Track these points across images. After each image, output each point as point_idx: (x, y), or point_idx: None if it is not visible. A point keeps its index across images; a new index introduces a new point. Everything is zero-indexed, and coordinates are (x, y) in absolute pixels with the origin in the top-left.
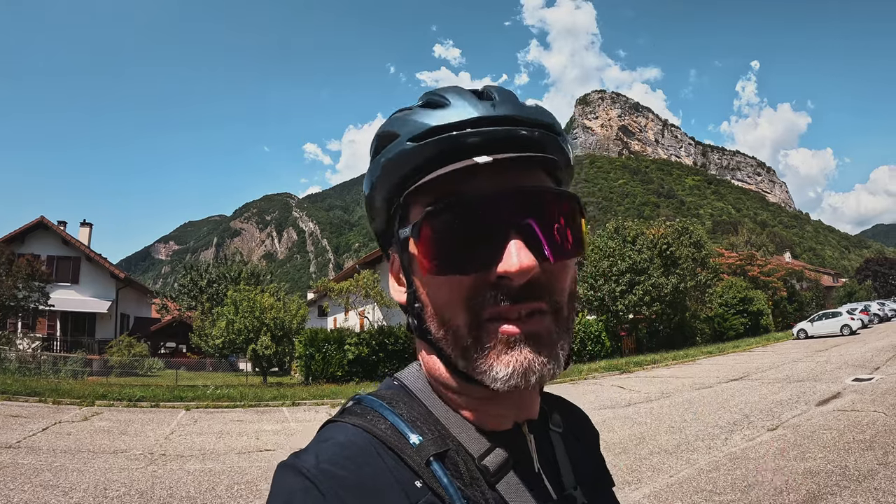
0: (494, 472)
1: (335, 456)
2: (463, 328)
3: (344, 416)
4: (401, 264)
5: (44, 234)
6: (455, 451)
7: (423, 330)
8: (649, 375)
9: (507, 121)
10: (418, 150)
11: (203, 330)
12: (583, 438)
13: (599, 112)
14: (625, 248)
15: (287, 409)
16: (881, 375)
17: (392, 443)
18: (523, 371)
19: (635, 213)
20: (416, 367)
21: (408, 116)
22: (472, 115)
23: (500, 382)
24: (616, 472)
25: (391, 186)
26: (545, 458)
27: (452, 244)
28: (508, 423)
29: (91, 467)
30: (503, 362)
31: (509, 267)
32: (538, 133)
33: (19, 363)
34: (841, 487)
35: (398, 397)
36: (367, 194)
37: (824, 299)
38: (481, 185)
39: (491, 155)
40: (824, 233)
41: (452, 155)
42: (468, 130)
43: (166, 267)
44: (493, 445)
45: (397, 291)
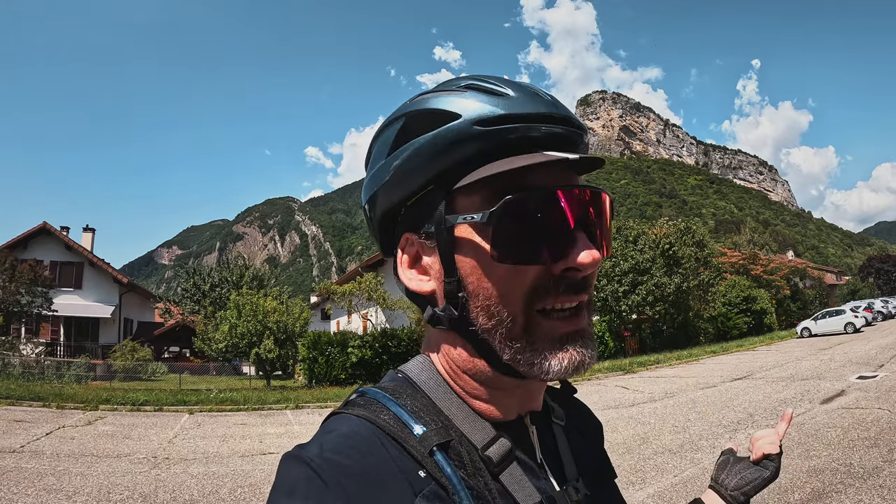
0: (497, 463)
1: (339, 446)
2: (519, 318)
3: (348, 408)
4: (440, 251)
5: (47, 240)
6: (458, 441)
7: (464, 320)
8: (653, 375)
9: (567, 121)
10: (487, 136)
11: (206, 334)
12: (585, 431)
13: (601, 113)
14: (627, 249)
15: (290, 413)
16: (885, 373)
17: (395, 433)
18: (575, 366)
19: (637, 213)
20: (422, 360)
21: (461, 99)
22: (539, 110)
23: (553, 374)
24: (620, 472)
25: (440, 168)
26: (547, 450)
27: (526, 234)
28: (513, 415)
29: (94, 471)
30: (557, 358)
31: (584, 259)
32: (581, 136)
33: (23, 368)
34: (846, 485)
35: (402, 389)
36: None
37: (828, 297)
38: (539, 180)
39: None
40: (827, 231)
41: (518, 146)
42: (537, 125)
43: (169, 272)
44: (497, 436)
45: (416, 280)
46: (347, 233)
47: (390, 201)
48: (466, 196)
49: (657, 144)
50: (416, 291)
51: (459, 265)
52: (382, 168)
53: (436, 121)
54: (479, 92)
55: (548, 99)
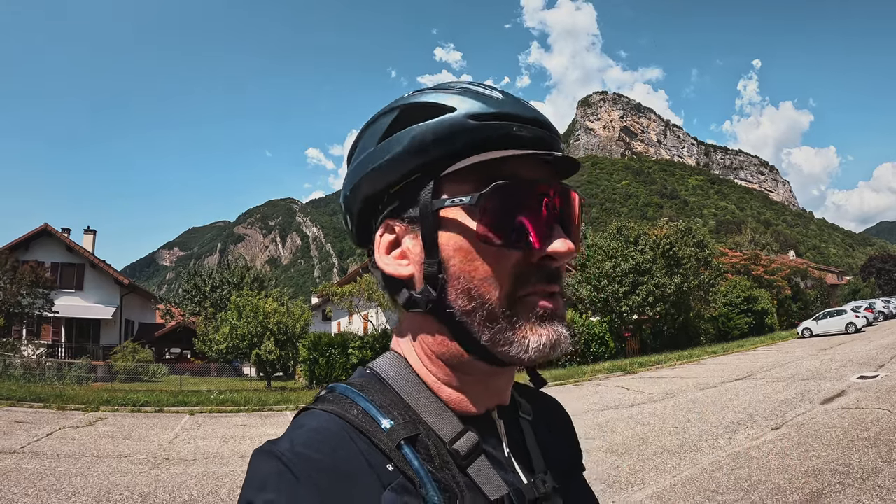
0: (465, 456)
1: (309, 440)
2: (501, 300)
3: (318, 404)
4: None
5: (48, 241)
6: (426, 435)
7: (442, 303)
8: (653, 376)
9: (547, 126)
10: (480, 129)
11: (207, 335)
12: (553, 425)
13: (601, 113)
14: (628, 249)
15: (291, 414)
16: (886, 373)
17: (364, 427)
18: (553, 343)
19: (638, 213)
20: (390, 357)
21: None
22: (527, 114)
23: (532, 352)
24: (619, 472)
25: (433, 156)
26: (515, 444)
27: (512, 220)
28: (481, 407)
29: (95, 472)
30: (537, 334)
31: (560, 247)
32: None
33: (24, 370)
34: (845, 486)
35: (370, 384)
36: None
37: (829, 297)
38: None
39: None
40: (828, 231)
41: (507, 141)
42: (525, 125)
43: (170, 273)
44: (464, 430)
45: (394, 265)
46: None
47: (375, 188)
48: (453, 183)
49: (658, 145)
50: (394, 275)
51: (442, 248)
52: (371, 155)
53: (432, 112)
54: (471, 93)
55: (532, 107)
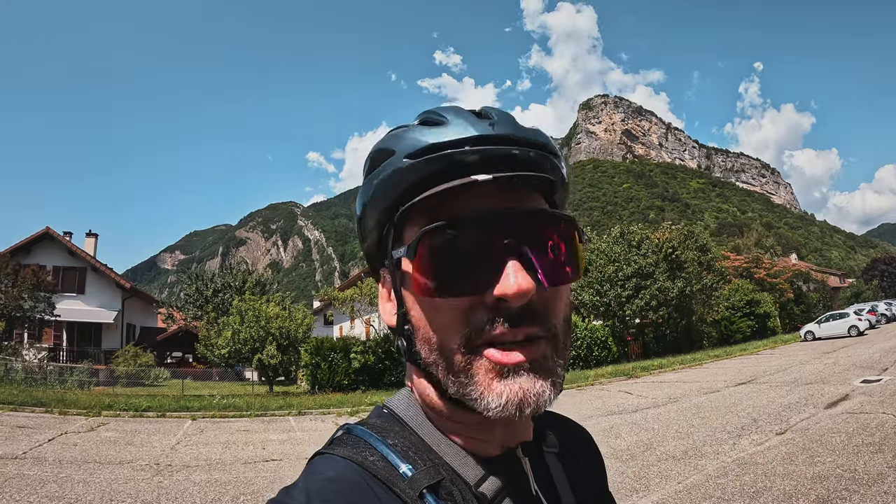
0: (491, 499)
1: (326, 491)
2: (455, 352)
3: (333, 448)
4: (392, 285)
5: (49, 245)
6: (450, 480)
7: (412, 353)
8: (656, 380)
9: (505, 140)
10: (415, 167)
11: (209, 339)
12: (581, 456)
13: (603, 116)
14: (630, 253)
15: (293, 419)
16: (890, 377)
17: (383, 476)
18: (518, 402)
19: (640, 217)
20: (406, 394)
21: (404, 133)
22: (470, 133)
23: (493, 412)
24: (624, 478)
25: (386, 204)
26: (542, 481)
27: (449, 265)
28: (496, 449)
29: (97, 478)
30: (495, 392)
31: (507, 289)
32: (534, 153)
33: (25, 374)
34: (850, 492)
35: (388, 426)
36: (360, 213)
37: (831, 300)
38: (479, 205)
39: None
40: (830, 233)
41: (450, 173)
42: (466, 148)
43: (172, 277)
44: (489, 472)
45: (388, 314)
46: (350, 237)
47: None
48: (409, 228)
49: (659, 148)
50: (388, 325)
51: (405, 298)
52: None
53: (384, 158)
54: (422, 125)
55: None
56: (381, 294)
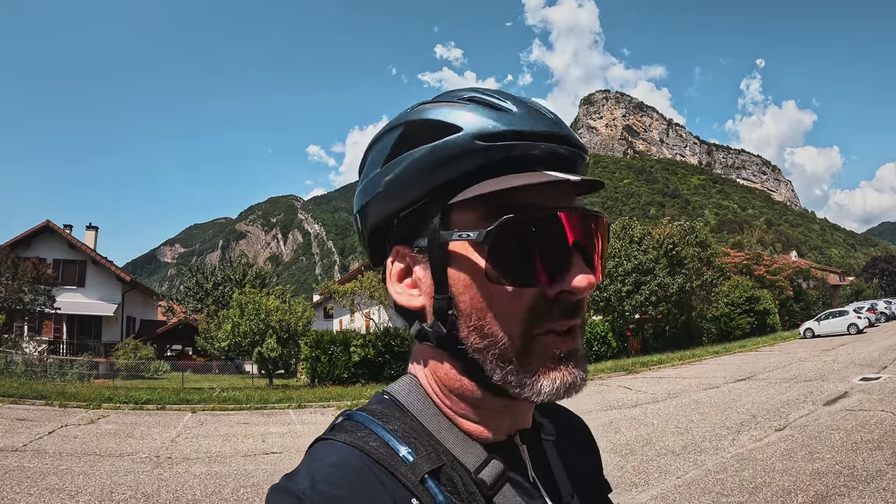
0: (491, 485)
1: (329, 476)
2: (515, 340)
3: (334, 433)
4: (431, 267)
5: (50, 238)
6: (450, 465)
7: (452, 339)
8: (656, 376)
9: (568, 141)
10: (486, 152)
11: (209, 332)
12: (577, 444)
13: (604, 112)
14: (630, 249)
15: (293, 412)
16: (889, 375)
17: (385, 461)
18: (567, 387)
19: (640, 212)
20: (409, 381)
21: (462, 112)
22: (541, 128)
23: (544, 395)
24: (623, 473)
25: (437, 182)
26: (539, 468)
27: (523, 255)
28: (503, 434)
29: (97, 470)
30: (550, 378)
31: (580, 283)
32: (581, 156)
33: (25, 366)
34: (849, 488)
35: (389, 412)
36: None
37: (831, 298)
38: (537, 199)
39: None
40: (830, 231)
41: (517, 163)
42: (538, 143)
43: (172, 270)
44: (489, 457)
45: (406, 295)
46: (350, 231)
47: (383, 212)
48: (462, 212)
49: (660, 144)
50: (405, 306)
51: (451, 282)
52: (377, 177)
53: (435, 132)
54: (480, 105)
55: (550, 117)
56: (391, 272)
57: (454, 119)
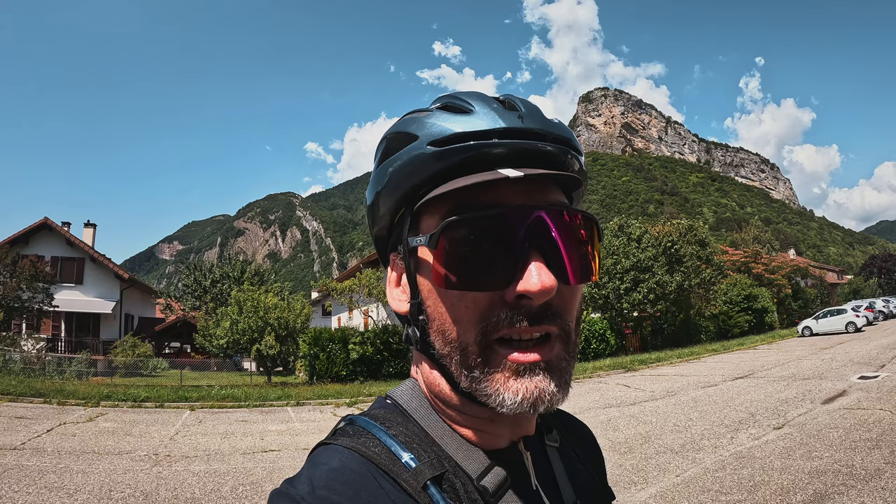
0: (493, 493)
1: (331, 481)
2: (472, 347)
3: (336, 438)
4: (406, 273)
5: (48, 235)
6: (452, 472)
7: (426, 343)
8: (654, 373)
9: (533, 135)
10: (440, 156)
11: (207, 330)
12: (581, 452)
13: (602, 109)
14: (629, 246)
15: (292, 409)
16: (887, 373)
17: (387, 466)
18: (533, 400)
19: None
20: (411, 385)
21: (426, 119)
22: (498, 125)
23: (507, 408)
24: (622, 471)
25: (404, 190)
26: (543, 475)
27: (471, 258)
28: (505, 441)
29: (96, 469)
30: (512, 389)
31: (531, 286)
32: (561, 150)
33: (24, 364)
34: (848, 487)
35: (392, 417)
36: (373, 197)
37: (829, 296)
38: (502, 198)
39: (517, 168)
40: (828, 229)
41: (475, 164)
42: (494, 141)
43: (170, 267)
44: (491, 465)
45: (397, 300)
46: (348, 228)
47: (378, 221)
48: (429, 217)
49: (659, 142)
50: (397, 311)
51: (420, 287)
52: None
53: (402, 141)
54: (445, 111)
55: (517, 112)
56: (389, 279)
57: (414, 128)
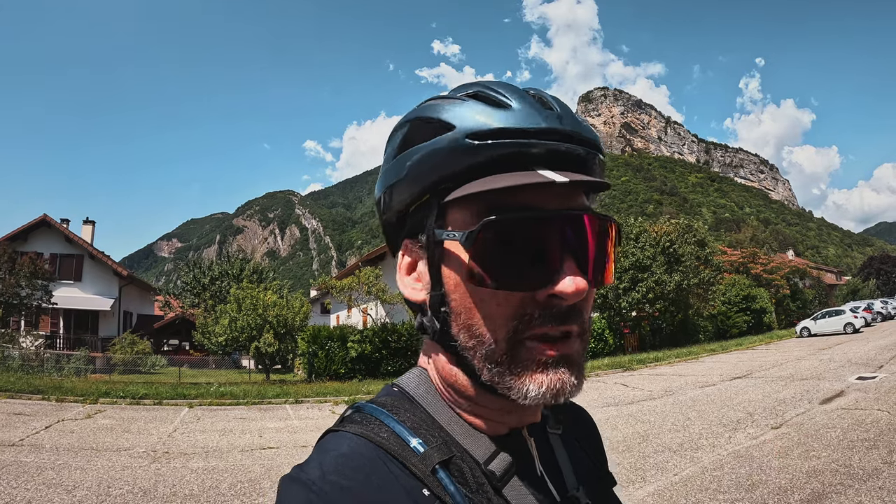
0: (500, 477)
1: (340, 466)
2: (501, 343)
3: (344, 425)
4: (428, 263)
5: (47, 232)
6: (460, 457)
7: (446, 334)
8: (652, 373)
9: (570, 137)
10: (480, 150)
11: (206, 327)
12: (583, 438)
13: (602, 109)
14: (627, 246)
15: (290, 407)
16: (885, 374)
17: (396, 451)
18: (555, 391)
19: (638, 210)
20: (418, 373)
21: (460, 109)
22: (539, 124)
23: (530, 399)
24: (620, 470)
25: (433, 179)
26: (546, 461)
27: (508, 258)
28: (507, 428)
29: (94, 465)
30: (537, 382)
31: (566, 288)
32: (590, 153)
33: (22, 361)
34: (845, 486)
35: (399, 404)
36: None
37: (827, 297)
38: (538, 201)
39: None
40: (827, 230)
41: (511, 162)
42: (533, 141)
43: (169, 264)
44: (497, 450)
45: (410, 288)
46: (347, 227)
47: (393, 206)
48: (457, 211)
49: (658, 142)
50: (409, 299)
51: (445, 280)
52: (389, 170)
53: (434, 130)
54: (480, 102)
55: (555, 112)
56: (400, 265)
57: (449, 116)
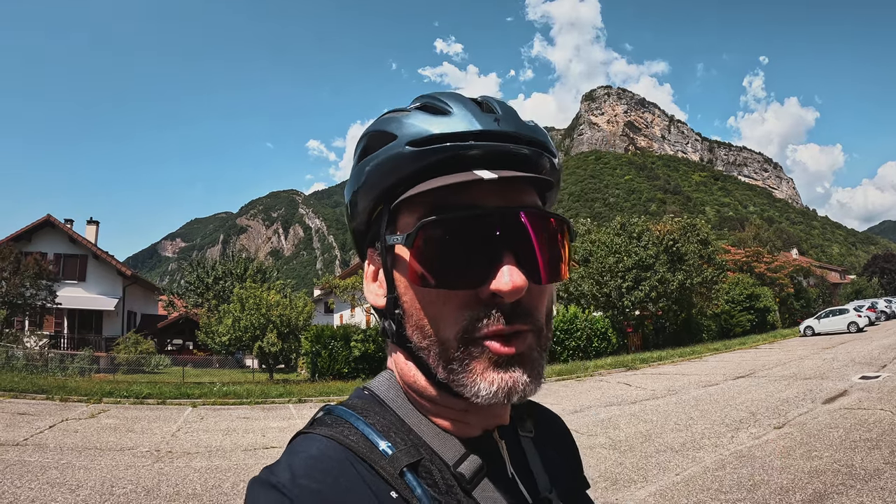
0: (469, 479)
1: (310, 469)
2: (449, 341)
3: (314, 427)
4: (383, 268)
5: (51, 233)
6: (429, 459)
7: (402, 337)
8: (655, 372)
9: (509, 137)
10: (417, 156)
11: (209, 327)
12: (555, 442)
13: (605, 108)
14: (631, 245)
15: (293, 406)
16: (888, 373)
17: (365, 454)
18: (507, 390)
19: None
20: (387, 376)
21: (405, 119)
22: (475, 127)
23: (482, 399)
24: (622, 469)
25: (382, 188)
26: (518, 464)
27: (446, 257)
28: (478, 430)
29: (98, 465)
30: (487, 380)
31: (502, 286)
32: (535, 152)
33: (26, 361)
34: (847, 486)
35: (369, 406)
36: (353, 192)
37: (831, 296)
38: (478, 199)
39: (491, 170)
40: (831, 229)
41: (452, 165)
42: (471, 143)
43: (173, 264)
44: (468, 452)
45: (374, 294)
46: None
47: (356, 216)
48: (407, 214)
49: (662, 140)
50: (374, 305)
51: (397, 283)
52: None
53: (381, 140)
54: (423, 111)
55: (494, 115)
56: (366, 273)
57: (393, 127)
